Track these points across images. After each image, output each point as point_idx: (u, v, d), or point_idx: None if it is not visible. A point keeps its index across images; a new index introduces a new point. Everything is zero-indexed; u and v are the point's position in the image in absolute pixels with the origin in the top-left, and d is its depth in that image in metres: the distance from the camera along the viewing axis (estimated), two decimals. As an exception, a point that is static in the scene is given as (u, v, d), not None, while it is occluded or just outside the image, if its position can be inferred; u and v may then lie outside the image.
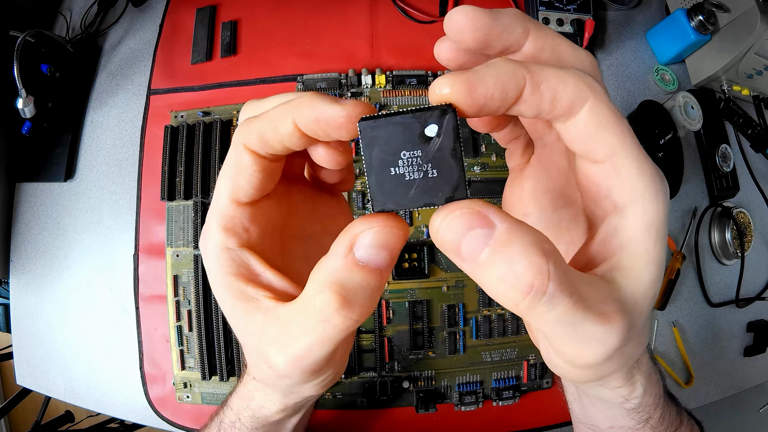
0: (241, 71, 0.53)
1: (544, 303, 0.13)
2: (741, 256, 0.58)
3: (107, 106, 0.56)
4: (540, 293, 0.13)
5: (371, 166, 0.15)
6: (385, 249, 0.15)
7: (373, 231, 0.15)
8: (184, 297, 0.48)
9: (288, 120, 0.16)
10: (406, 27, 0.55)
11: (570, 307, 0.14)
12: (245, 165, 0.17)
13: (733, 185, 0.61)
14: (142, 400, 0.49)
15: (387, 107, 0.51)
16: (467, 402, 0.47)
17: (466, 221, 0.14)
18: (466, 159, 0.50)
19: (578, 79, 0.15)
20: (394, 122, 0.14)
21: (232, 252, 0.18)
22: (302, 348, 0.17)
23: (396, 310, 0.48)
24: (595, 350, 0.15)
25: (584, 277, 0.15)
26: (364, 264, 0.15)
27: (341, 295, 0.15)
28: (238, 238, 0.18)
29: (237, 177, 0.18)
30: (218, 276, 0.19)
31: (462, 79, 0.14)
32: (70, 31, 0.60)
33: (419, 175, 0.15)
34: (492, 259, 0.14)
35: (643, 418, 0.26)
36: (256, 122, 0.17)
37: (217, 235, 0.18)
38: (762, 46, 0.55)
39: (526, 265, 0.13)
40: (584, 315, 0.14)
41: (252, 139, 0.17)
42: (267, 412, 0.26)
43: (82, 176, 0.55)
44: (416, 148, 0.15)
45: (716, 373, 0.58)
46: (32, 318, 0.53)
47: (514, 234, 0.14)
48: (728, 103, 0.61)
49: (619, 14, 0.63)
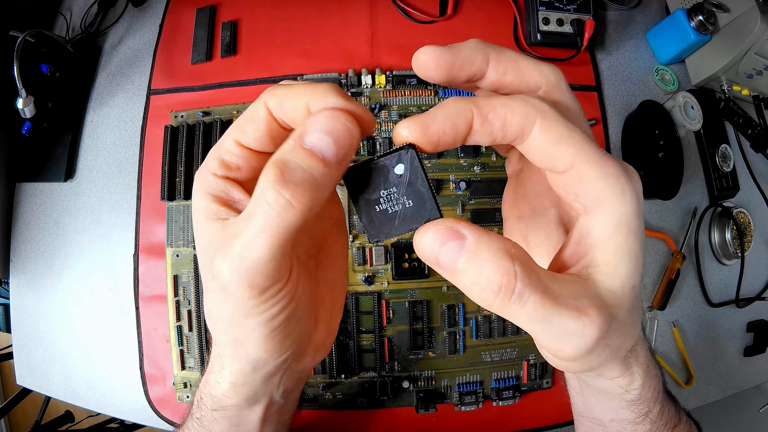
0: (241, 71, 0.53)
1: (515, 301, 0.15)
2: (741, 256, 0.58)
3: (107, 106, 0.56)
4: (509, 291, 0.15)
5: (360, 207, 0.18)
6: (330, 135, 0.16)
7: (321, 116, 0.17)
8: (184, 297, 0.48)
9: (301, 101, 0.18)
10: (406, 27, 0.55)
11: (540, 303, 0.15)
12: (257, 116, 0.19)
13: (733, 185, 0.61)
14: (142, 400, 0.49)
15: (387, 107, 0.51)
16: (467, 402, 0.47)
17: (440, 236, 0.16)
18: (466, 159, 0.50)
19: (524, 104, 0.17)
20: (369, 168, 0.18)
21: (219, 180, 0.20)
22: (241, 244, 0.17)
23: (396, 310, 0.48)
24: (573, 343, 0.16)
25: (556, 276, 0.17)
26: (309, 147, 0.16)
27: (279, 170, 0.16)
28: (228, 171, 0.20)
29: (246, 124, 0.19)
30: (199, 196, 0.20)
31: (416, 122, 0.17)
32: (70, 31, 0.60)
33: (399, 207, 0.18)
34: (466, 267, 0.16)
35: (643, 411, 0.26)
36: (280, 89, 0.19)
37: (211, 162, 0.20)
38: (762, 46, 0.55)
39: (494, 268, 0.15)
40: (557, 310, 0.15)
41: (273, 101, 0.19)
42: (221, 390, 0.24)
43: (82, 176, 0.55)
44: (391, 186, 0.17)
45: (716, 373, 0.58)
46: (32, 318, 0.53)
47: (482, 243, 0.15)
48: (728, 103, 0.61)
49: (619, 14, 0.63)
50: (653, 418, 0.26)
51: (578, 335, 0.16)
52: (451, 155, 0.51)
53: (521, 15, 0.57)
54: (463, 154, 0.51)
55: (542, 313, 0.15)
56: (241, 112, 0.51)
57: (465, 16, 0.57)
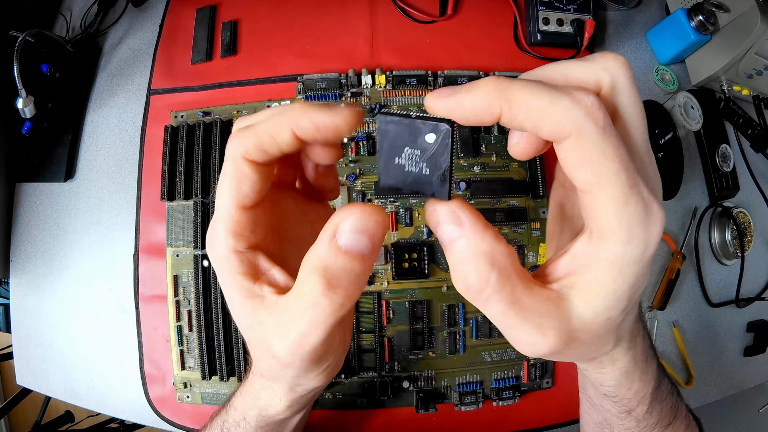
0: (241, 71, 0.53)
1: (481, 302, 0.17)
2: (741, 256, 0.58)
3: (107, 106, 0.56)
4: (478, 294, 0.17)
5: (381, 152, 0.18)
6: (365, 234, 0.17)
7: (352, 218, 0.17)
8: (184, 297, 0.48)
9: (286, 130, 0.18)
10: (406, 27, 0.55)
11: (504, 312, 0.17)
12: (246, 174, 0.19)
13: (733, 185, 0.61)
14: (142, 400, 0.49)
15: (387, 107, 0.51)
16: (467, 402, 0.47)
17: (443, 216, 0.17)
18: (466, 159, 0.50)
19: (562, 113, 0.15)
20: (404, 123, 0.17)
21: (241, 254, 0.20)
22: (298, 334, 0.18)
23: (396, 310, 0.48)
24: (526, 349, 0.18)
25: (533, 291, 0.17)
26: (346, 249, 0.17)
27: (325, 279, 0.17)
28: (245, 240, 0.20)
29: (240, 185, 0.19)
30: (228, 277, 0.20)
31: (443, 104, 0.17)
32: (70, 31, 0.60)
33: (416, 170, 0.18)
34: (452, 252, 0.17)
35: (623, 410, 0.26)
36: (251, 135, 0.19)
37: (226, 239, 0.20)
38: (762, 46, 0.55)
39: (472, 269, 0.16)
40: (517, 322, 0.17)
41: (251, 150, 0.19)
42: (274, 411, 0.27)
43: (82, 176, 0.55)
44: (417, 148, 0.18)
45: (716, 373, 0.58)
46: (32, 318, 0.53)
47: (471, 240, 0.17)
48: (728, 103, 0.61)
49: (619, 14, 0.63)
50: (638, 416, 0.27)
51: (531, 345, 0.17)
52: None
53: (521, 15, 0.57)
54: (463, 154, 0.51)
55: (504, 319, 0.17)
56: (241, 113, 0.51)
57: (465, 16, 0.57)
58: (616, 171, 0.15)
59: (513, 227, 0.50)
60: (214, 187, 0.49)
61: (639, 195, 0.16)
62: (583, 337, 0.18)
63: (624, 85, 0.18)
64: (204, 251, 0.48)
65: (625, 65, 0.18)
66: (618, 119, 0.18)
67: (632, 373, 0.24)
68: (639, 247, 0.16)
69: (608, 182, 0.15)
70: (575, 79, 0.18)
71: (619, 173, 0.15)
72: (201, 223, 0.48)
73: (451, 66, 0.52)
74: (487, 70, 0.53)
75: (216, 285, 0.47)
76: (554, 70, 0.19)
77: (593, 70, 0.18)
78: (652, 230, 0.16)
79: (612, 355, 0.23)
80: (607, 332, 0.18)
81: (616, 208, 0.16)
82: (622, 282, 0.17)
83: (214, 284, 0.47)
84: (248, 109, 0.51)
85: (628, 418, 0.27)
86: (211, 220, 0.21)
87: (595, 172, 0.16)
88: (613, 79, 0.18)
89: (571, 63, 0.18)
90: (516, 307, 0.17)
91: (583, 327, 0.17)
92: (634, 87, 0.18)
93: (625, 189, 0.16)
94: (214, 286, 0.47)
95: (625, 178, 0.15)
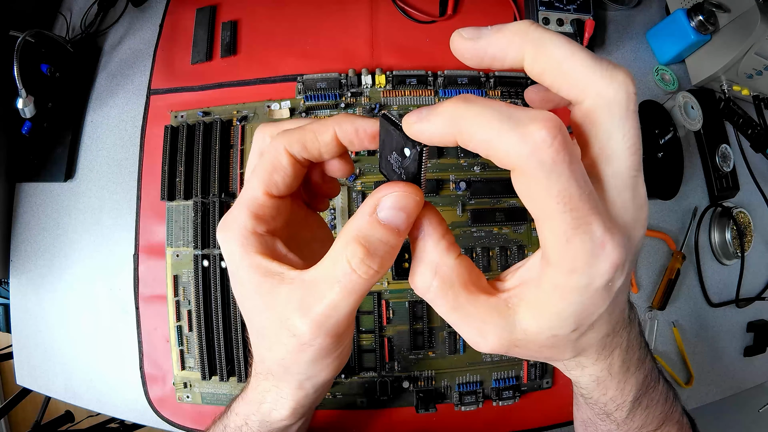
0: (241, 71, 0.53)
1: (428, 300, 0.19)
2: (741, 256, 0.58)
3: (107, 106, 0.56)
4: (422, 294, 0.19)
5: (380, 143, 0.20)
6: (404, 211, 0.18)
7: (394, 195, 0.18)
8: (184, 297, 0.48)
9: (330, 131, 0.21)
10: (406, 27, 0.55)
11: (446, 314, 0.19)
12: (283, 165, 0.21)
13: (733, 185, 0.61)
14: (142, 400, 0.49)
15: (387, 107, 0.51)
16: (467, 402, 0.47)
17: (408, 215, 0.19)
18: (466, 159, 0.50)
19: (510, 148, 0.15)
20: (390, 131, 0.19)
21: (260, 236, 0.21)
22: (328, 303, 0.19)
23: (396, 310, 0.48)
24: (471, 345, 0.19)
25: (474, 299, 0.18)
26: (386, 223, 0.18)
27: (365, 247, 0.18)
28: (266, 224, 0.21)
29: (273, 174, 0.21)
30: (245, 256, 0.21)
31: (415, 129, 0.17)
32: (70, 31, 0.60)
33: (399, 172, 0.20)
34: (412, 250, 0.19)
35: (599, 411, 0.27)
36: (298, 131, 0.21)
37: (246, 220, 0.21)
38: (762, 46, 0.55)
39: (419, 273, 0.19)
40: (460, 324, 0.19)
41: (294, 144, 0.21)
42: (278, 416, 0.27)
43: (82, 176, 0.55)
44: (399, 155, 0.19)
45: (716, 373, 0.58)
46: (32, 318, 0.53)
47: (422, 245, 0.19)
48: (728, 103, 0.61)
49: (619, 14, 0.63)
50: (617, 420, 0.27)
51: (474, 344, 0.19)
52: (451, 155, 0.51)
53: (521, 15, 0.57)
54: (463, 155, 0.51)
55: (448, 319, 0.19)
56: (241, 113, 0.51)
57: (465, 16, 0.57)
58: (558, 212, 0.15)
59: (513, 227, 0.50)
60: (214, 187, 0.49)
61: (585, 234, 0.15)
62: (528, 345, 0.18)
63: (618, 115, 0.16)
64: (204, 251, 0.48)
65: (627, 92, 0.16)
66: (598, 148, 0.16)
67: (605, 381, 0.24)
68: (581, 279, 0.16)
69: (549, 219, 0.15)
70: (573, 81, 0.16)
71: (563, 214, 0.15)
72: (201, 223, 0.48)
73: (451, 66, 0.52)
74: (487, 71, 0.53)
75: (216, 285, 0.47)
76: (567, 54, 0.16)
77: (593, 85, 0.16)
78: (600, 267, 0.16)
79: (578, 361, 0.22)
80: (558, 345, 0.19)
81: (558, 243, 0.15)
82: (565, 307, 0.17)
83: (214, 284, 0.47)
84: (248, 109, 0.51)
85: (608, 420, 0.27)
86: (231, 207, 0.22)
87: (538, 208, 0.15)
88: (607, 105, 0.16)
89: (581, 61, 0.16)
90: (457, 312, 0.18)
91: (527, 337, 0.18)
92: (631, 116, 0.16)
93: (568, 229, 0.15)
94: (214, 286, 0.47)
95: (569, 218, 0.15)
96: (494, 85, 0.52)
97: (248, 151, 0.50)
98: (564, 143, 0.14)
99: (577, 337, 0.18)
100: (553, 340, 0.18)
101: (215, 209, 0.48)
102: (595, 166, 0.16)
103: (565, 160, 0.15)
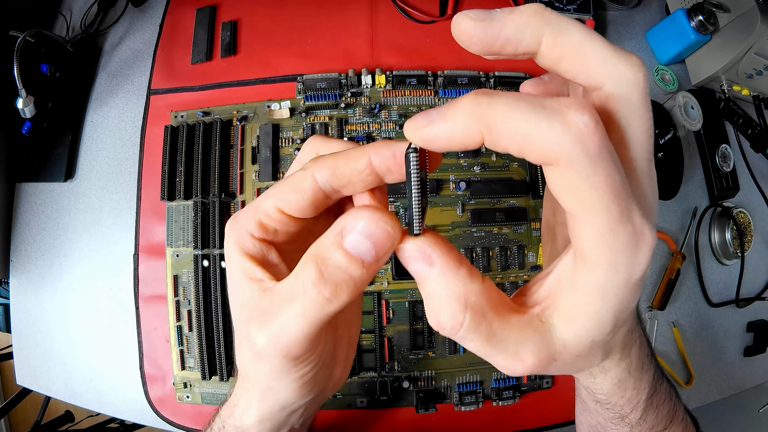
0: (241, 71, 0.53)
1: (458, 338, 0.16)
2: (741, 256, 0.58)
3: (107, 106, 0.56)
4: (453, 333, 0.16)
5: None
6: (370, 240, 0.17)
7: (363, 221, 0.17)
8: (184, 297, 0.48)
9: (365, 157, 0.18)
10: (406, 27, 0.55)
11: (479, 348, 0.17)
12: (304, 187, 0.19)
13: (733, 185, 0.61)
14: (142, 400, 0.49)
15: (387, 107, 0.51)
16: (467, 402, 0.47)
17: (411, 255, 0.17)
18: (466, 159, 0.50)
19: (552, 138, 0.13)
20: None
21: (255, 240, 0.20)
22: (280, 324, 0.18)
23: (396, 310, 0.48)
24: (507, 372, 0.17)
25: (510, 321, 0.17)
26: (348, 249, 0.17)
27: (319, 269, 0.17)
28: (265, 233, 0.20)
29: (289, 193, 0.19)
30: (236, 256, 0.20)
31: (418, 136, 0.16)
32: (70, 31, 0.60)
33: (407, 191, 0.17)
34: (423, 289, 0.17)
35: (615, 416, 0.26)
36: (330, 158, 0.19)
37: (248, 221, 0.20)
38: (762, 46, 0.55)
39: (444, 310, 0.16)
40: (495, 353, 0.17)
41: (323, 170, 0.19)
42: (247, 422, 0.25)
43: (82, 176, 0.55)
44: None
45: (716, 373, 0.58)
46: (32, 318, 0.53)
47: (441, 282, 0.16)
48: (728, 103, 0.61)
49: (619, 14, 0.63)
50: (631, 422, 0.26)
51: (510, 370, 0.17)
52: (451, 155, 0.51)
53: (521, 15, 0.57)
54: (463, 155, 0.51)
55: (481, 352, 0.17)
56: (241, 113, 0.51)
57: (465, 16, 0.57)
58: (605, 201, 0.14)
59: (513, 227, 0.50)
60: (214, 187, 0.49)
61: (629, 223, 0.14)
62: (566, 358, 0.17)
63: (637, 99, 0.15)
64: (204, 251, 0.48)
65: (644, 74, 0.15)
66: (619, 133, 0.16)
67: (625, 381, 0.24)
68: (624, 274, 0.15)
69: (595, 213, 0.14)
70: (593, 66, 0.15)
71: (609, 204, 0.14)
72: (201, 223, 0.48)
73: (451, 66, 0.52)
74: (487, 71, 0.53)
75: (216, 285, 0.47)
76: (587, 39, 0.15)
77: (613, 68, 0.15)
78: (640, 257, 0.15)
79: (603, 367, 0.22)
80: (593, 351, 0.18)
81: (602, 238, 0.14)
82: (604, 307, 0.16)
83: (214, 284, 0.47)
84: (248, 109, 0.51)
85: (621, 424, 0.27)
86: (247, 205, 0.21)
87: (582, 202, 0.14)
88: (627, 89, 0.15)
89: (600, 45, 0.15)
90: (492, 341, 0.16)
91: (565, 349, 0.17)
92: (647, 99, 0.15)
93: (614, 219, 0.14)
94: (214, 286, 0.47)
95: (615, 207, 0.14)
96: (495, 85, 0.52)
97: (248, 150, 0.50)
98: (604, 128, 0.14)
99: (611, 338, 0.17)
100: (591, 346, 0.17)
101: (215, 209, 0.48)
102: (617, 151, 0.15)
103: (609, 145, 0.14)
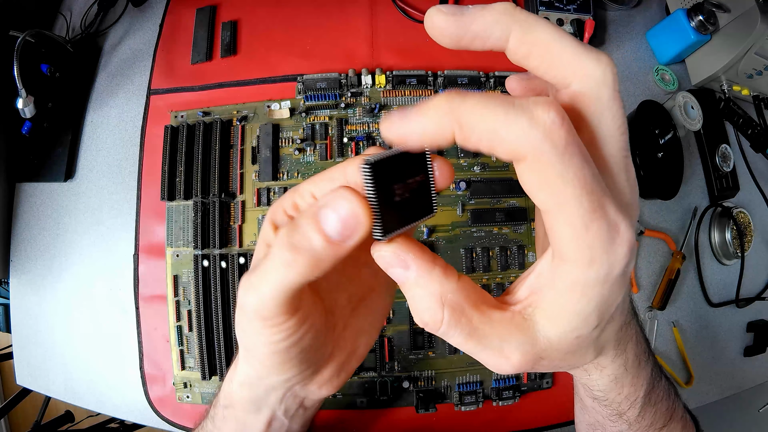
0: (241, 71, 0.53)
1: (441, 334, 0.17)
2: (741, 256, 0.58)
3: (107, 106, 0.56)
4: (435, 329, 0.17)
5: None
6: (338, 216, 0.16)
7: (338, 193, 0.16)
8: (184, 297, 0.48)
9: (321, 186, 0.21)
10: (406, 27, 0.55)
11: (462, 343, 0.17)
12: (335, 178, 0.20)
13: (733, 185, 0.61)
14: (142, 400, 0.49)
15: (387, 107, 0.51)
16: (467, 402, 0.47)
17: (387, 260, 0.17)
18: (466, 159, 0.50)
19: (520, 134, 0.14)
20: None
21: (285, 217, 0.21)
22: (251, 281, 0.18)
23: (396, 310, 0.48)
24: (494, 369, 0.18)
25: (492, 317, 0.17)
26: (319, 219, 0.17)
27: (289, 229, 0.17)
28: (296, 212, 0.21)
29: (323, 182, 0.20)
30: (266, 223, 0.22)
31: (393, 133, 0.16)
32: (70, 31, 0.60)
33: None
34: (404, 291, 0.17)
35: (613, 413, 0.26)
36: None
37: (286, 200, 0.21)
38: (762, 46, 0.55)
39: (424, 308, 0.17)
40: (479, 349, 0.17)
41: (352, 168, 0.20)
42: (233, 385, 0.26)
43: (82, 176, 0.55)
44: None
45: (716, 373, 0.58)
46: (32, 318, 0.53)
47: (419, 282, 0.17)
48: (728, 103, 0.61)
49: (619, 14, 0.63)
50: (629, 419, 0.26)
51: (497, 367, 0.17)
52: (451, 155, 0.51)
53: (521, 15, 0.57)
54: (463, 154, 0.51)
55: (465, 347, 0.17)
56: (241, 113, 0.51)
57: (465, 16, 0.57)
58: (576, 195, 0.14)
59: (513, 227, 0.50)
60: (214, 187, 0.49)
61: (603, 218, 0.15)
62: (553, 355, 0.17)
63: (607, 97, 0.16)
64: (204, 251, 0.48)
65: (613, 72, 0.16)
66: (590, 130, 0.16)
67: (622, 378, 0.24)
68: (602, 269, 0.15)
69: (567, 207, 0.14)
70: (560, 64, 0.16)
71: (581, 198, 0.14)
72: (201, 223, 0.48)
73: (451, 66, 0.52)
74: (487, 70, 0.53)
75: (216, 285, 0.47)
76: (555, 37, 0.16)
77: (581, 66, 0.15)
78: (618, 252, 0.15)
79: (598, 363, 0.22)
80: (582, 347, 0.18)
81: (576, 233, 0.15)
82: (586, 303, 0.16)
83: (214, 284, 0.47)
84: (248, 109, 0.51)
85: (619, 421, 0.27)
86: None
87: (554, 197, 0.14)
88: (596, 87, 0.15)
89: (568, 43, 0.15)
90: (474, 337, 0.17)
91: (551, 346, 0.17)
92: (617, 96, 0.16)
93: (586, 214, 0.14)
94: (214, 286, 0.47)
95: (587, 202, 0.14)
96: (494, 85, 0.52)
97: (248, 150, 0.50)
98: (571, 124, 0.14)
99: (598, 334, 0.18)
100: (577, 342, 0.17)
101: (215, 209, 0.48)
102: (589, 148, 0.16)
103: (577, 140, 0.14)
